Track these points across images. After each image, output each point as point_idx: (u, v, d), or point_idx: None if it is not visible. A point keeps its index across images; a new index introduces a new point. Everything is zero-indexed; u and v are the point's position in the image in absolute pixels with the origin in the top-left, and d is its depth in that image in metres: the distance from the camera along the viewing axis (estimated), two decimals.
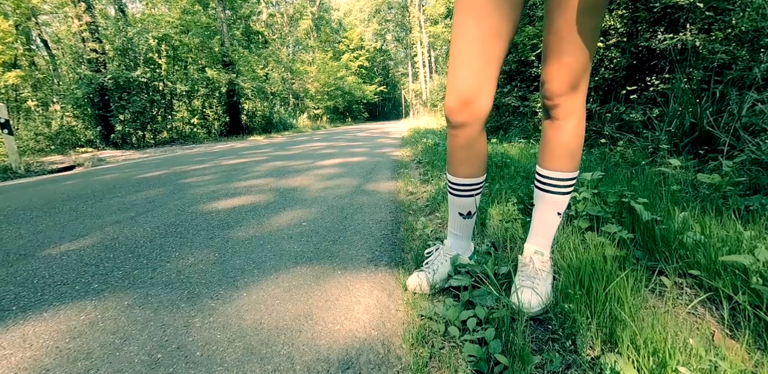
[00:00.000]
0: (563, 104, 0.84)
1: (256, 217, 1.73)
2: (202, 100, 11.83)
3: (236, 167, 3.69)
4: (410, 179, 2.58)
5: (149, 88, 10.02)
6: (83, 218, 1.89)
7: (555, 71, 0.82)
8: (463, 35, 0.80)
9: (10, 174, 4.44)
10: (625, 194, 1.34)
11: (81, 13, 9.38)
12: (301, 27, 23.73)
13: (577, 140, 0.87)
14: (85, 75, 8.89)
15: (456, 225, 1.02)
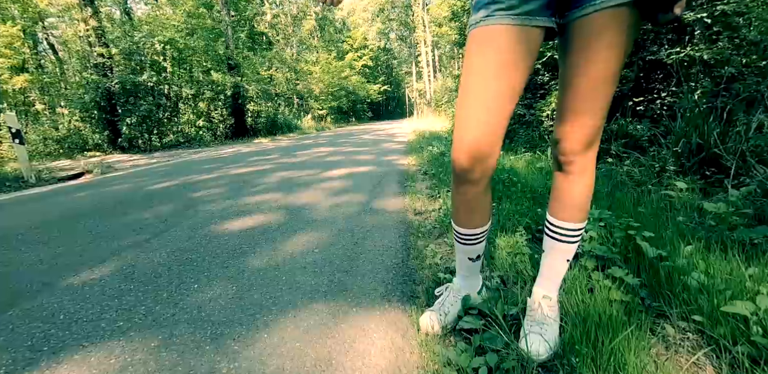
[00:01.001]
0: (578, 161, 0.86)
1: (268, 241, 1.77)
2: (207, 103, 11.89)
3: (244, 177, 3.73)
4: (418, 194, 2.61)
5: (155, 92, 10.10)
6: (99, 241, 1.94)
7: (571, 131, 0.84)
8: (474, 96, 0.81)
9: (23, 184, 4.52)
10: (632, 226, 1.37)
11: (87, 17, 9.45)
12: (305, 27, 23.72)
13: (587, 193, 0.89)
14: (92, 80, 8.97)
15: (464, 267, 1.05)
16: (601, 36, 0.75)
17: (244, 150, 7.69)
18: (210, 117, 12.11)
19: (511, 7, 0.76)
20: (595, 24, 0.75)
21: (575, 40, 0.79)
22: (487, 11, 0.78)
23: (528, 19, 0.77)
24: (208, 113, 12.01)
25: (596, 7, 0.74)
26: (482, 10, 0.79)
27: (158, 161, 6.61)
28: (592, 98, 0.79)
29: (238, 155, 6.45)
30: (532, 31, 0.78)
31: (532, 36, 0.78)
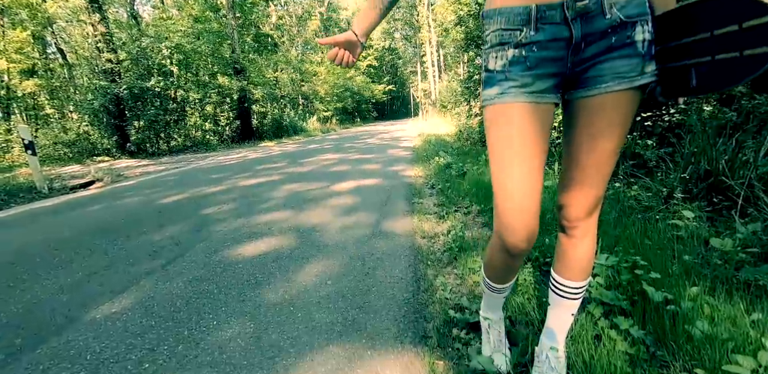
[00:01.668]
0: (581, 226, 0.89)
1: (281, 271, 1.81)
2: (214, 106, 11.98)
3: (253, 190, 3.78)
4: (426, 214, 2.64)
5: (163, 96, 10.18)
6: (116, 265, 2.00)
7: (575, 199, 0.87)
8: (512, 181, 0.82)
9: (35, 194, 4.60)
10: (638, 264, 1.40)
11: (96, 22, 9.54)
12: (310, 28, 23.75)
13: (590, 254, 0.93)
14: (101, 85, 9.07)
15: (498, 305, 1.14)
16: (604, 116, 0.78)
17: (251, 156, 7.75)
18: (216, 121, 12.20)
19: (525, 85, 0.78)
20: (600, 105, 0.78)
21: (579, 117, 0.82)
22: (501, 88, 0.80)
23: (540, 97, 0.79)
24: (215, 116, 12.09)
25: (601, 90, 0.77)
26: (496, 87, 0.81)
27: (166, 169, 6.68)
28: (596, 171, 0.83)
29: (245, 163, 6.51)
30: (545, 107, 0.81)
31: (546, 111, 0.81)
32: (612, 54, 0.74)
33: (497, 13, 0.80)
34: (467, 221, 2.43)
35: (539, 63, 0.77)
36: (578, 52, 0.76)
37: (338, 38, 0.95)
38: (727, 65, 0.73)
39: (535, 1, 0.74)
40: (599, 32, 0.73)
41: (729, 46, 0.72)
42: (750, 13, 0.68)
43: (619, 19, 0.72)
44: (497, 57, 0.81)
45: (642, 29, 0.73)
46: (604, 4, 0.72)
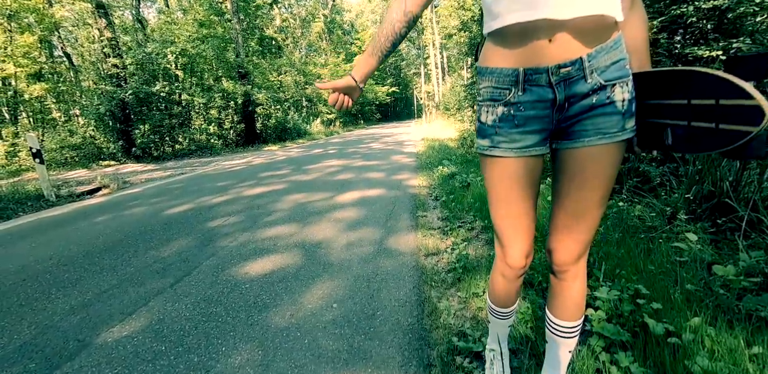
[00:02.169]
0: (571, 270, 0.92)
1: (288, 292, 1.84)
2: (218, 110, 12.04)
3: (258, 201, 3.82)
4: (430, 230, 2.67)
5: (168, 101, 10.26)
6: (125, 285, 2.03)
7: (564, 245, 0.89)
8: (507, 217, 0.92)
9: (43, 203, 4.66)
10: (640, 293, 1.42)
11: (102, 28, 9.63)
12: (314, 30, 23.81)
13: (581, 295, 0.95)
14: (107, 90, 9.15)
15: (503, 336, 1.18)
16: (590, 167, 0.82)
17: (255, 162, 7.79)
18: (221, 124, 12.27)
19: (513, 141, 0.84)
20: (585, 157, 0.82)
21: (567, 167, 0.85)
22: (491, 142, 0.86)
23: (527, 151, 0.85)
24: (220, 120, 12.16)
25: (585, 143, 0.81)
26: (487, 139, 0.87)
27: (171, 175, 6.74)
28: (583, 218, 0.86)
29: (250, 169, 6.55)
30: (534, 159, 0.87)
31: (534, 162, 0.87)
32: (594, 112, 0.79)
33: (489, 72, 0.84)
34: (471, 238, 2.45)
35: (526, 121, 0.82)
36: (562, 111, 0.80)
37: (338, 84, 0.99)
38: (702, 133, 0.76)
39: (523, 65, 0.78)
40: (581, 94, 0.78)
41: (705, 116, 0.75)
42: (727, 93, 0.71)
43: (600, 83, 0.77)
44: (488, 112, 0.86)
45: (622, 90, 0.78)
46: (586, 71, 0.76)
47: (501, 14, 0.77)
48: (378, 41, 0.95)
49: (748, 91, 0.67)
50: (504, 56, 0.81)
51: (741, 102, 0.69)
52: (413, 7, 0.90)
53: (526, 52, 0.77)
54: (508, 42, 0.79)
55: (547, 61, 0.76)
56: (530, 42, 0.76)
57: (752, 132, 0.67)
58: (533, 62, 0.77)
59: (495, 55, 0.82)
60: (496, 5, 0.77)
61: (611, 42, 0.76)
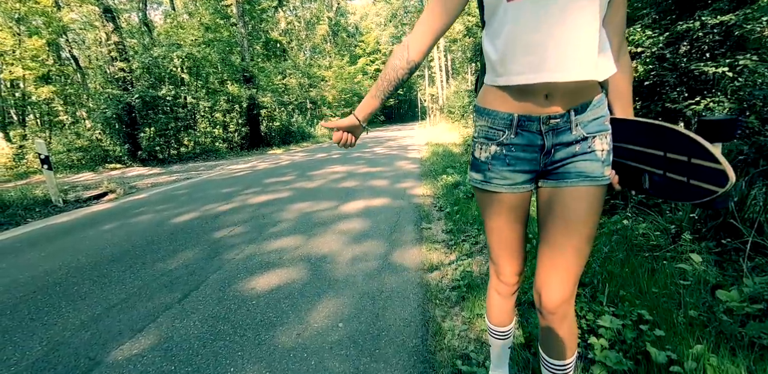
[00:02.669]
0: (560, 311, 0.92)
1: (294, 310, 1.86)
2: (223, 113, 12.12)
3: (263, 210, 3.85)
4: (434, 242, 2.68)
5: (174, 104, 10.33)
6: (134, 299, 2.06)
7: (552, 285, 0.90)
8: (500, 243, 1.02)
9: (51, 209, 4.72)
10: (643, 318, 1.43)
11: (109, 32, 9.72)
12: (319, 32, 23.90)
13: (572, 334, 0.96)
14: (114, 94, 9.23)
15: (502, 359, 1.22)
16: (575, 206, 0.88)
17: (260, 166, 7.84)
18: (226, 127, 12.34)
19: (504, 178, 0.93)
20: (570, 196, 0.88)
21: (552, 206, 0.91)
22: (484, 177, 0.95)
23: (516, 188, 0.93)
24: (225, 123, 12.23)
25: (569, 184, 0.88)
26: (480, 174, 0.96)
27: (176, 180, 6.79)
28: (571, 256, 0.89)
29: (254, 175, 6.59)
30: (522, 194, 0.95)
31: (522, 196, 0.96)
32: (577, 158, 0.88)
33: (486, 113, 0.93)
34: (475, 252, 2.46)
35: (516, 162, 0.91)
36: (549, 155, 0.89)
37: (342, 123, 1.03)
38: (676, 184, 0.84)
39: (518, 112, 0.87)
40: (566, 143, 0.87)
41: (679, 170, 0.83)
42: (698, 153, 0.78)
43: (583, 135, 0.87)
44: (482, 149, 0.95)
45: (601, 142, 0.88)
46: (572, 124, 0.86)
47: (506, 75, 0.84)
48: (381, 85, 0.99)
49: (715, 156, 0.74)
50: (502, 102, 0.89)
51: (709, 164, 0.76)
52: (416, 56, 0.95)
53: (522, 102, 0.86)
54: (508, 93, 0.87)
55: (539, 112, 0.85)
56: (528, 97, 0.85)
57: (718, 192, 0.75)
58: (527, 111, 0.86)
59: (494, 100, 0.91)
60: (502, 66, 0.84)
61: (595, 101, 0.87)
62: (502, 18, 0.82)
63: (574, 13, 0.76)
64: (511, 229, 0.99)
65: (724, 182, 0.75)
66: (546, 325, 0.98)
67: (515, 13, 0.79)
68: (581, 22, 0.77)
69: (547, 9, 0.76)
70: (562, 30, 0.77)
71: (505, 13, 0.81)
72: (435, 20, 0.92)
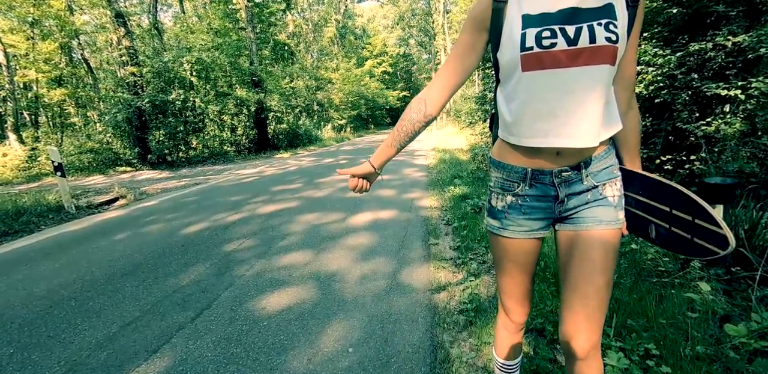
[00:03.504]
0: (589, 356, 0.94)
1: (305, 333, 1.89)
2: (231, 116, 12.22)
3: (272, 222, 3.89)
4: (441, 260, 2.71)
5: (183, 108, 10.44)
6: (148, 317, 2.10)
7: (580, 330, 0.92)
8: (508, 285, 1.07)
9: (63, 215, 4.80)
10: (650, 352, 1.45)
11: (121, 36, 9.85)
12: (326, 35, 24.00)
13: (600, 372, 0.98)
14: (125, 98, 9.35)
15: None
16: (592, 251, 0.91)
17: (267, 172, 7.90)
18: (234, 131, 12.44)
19: (520, 225, 0.98)
20: (586, 240, 0.92)
21: (571, 252, 0.95)
22: (500, 224, 1.00)
23: (532, 234, 0.98)
24: (233, 127, 12.34)
25: (586, 228, 0.92)
26: (497, 221, 1.01)
27: (185, 185, 6.87)
28: (595, 304, 0.91)
29: (262, 181, 6.65)
30: (537, 240, 1.00)
31: (537, 242, 1.01)
32: (590, 205, 0.93)
33: (501, 166, 0.98)
34: (482, 272, 2.48)
35: (531, 211, 0.97)
36: (562, 204, 0.95)
37: (357, 170, 1.08)
38: (681, 239, 0.88)
39: (531, 166, 0.93)
40: (578, 192, 0.93)
41: (683, 227, 0.87)
42: (702, 215, 0.82)
43: (593, 184, 0.93)
44: (498, 199, 1.01)
45: (612, 189, 0.93)
46: (583, 175, 0.92)
47: (518, 136, 0.90)
48: (398, 136, 1.04)
49: (717, 222, 0.79)
50: (515, 157, 0.94)
51: (711, 227, 0.81)
52: (433, 110, 1.00)
53: (535, 159, 0.91)
54: (521, 151, 0.93)
55: (551, 167, 0.91)
56: (540, 154, 0.90)
57: (720, 254, 0.80)
58: (540, 166, 0.92)
59: (508, 155, 0.96)
60: (516, 128, 0.90)
61: (603, 152, 0.93)
62: (517, 85, 0.86)
63: (583, 84, 0.81)
64: (522, 273, 1.04)
65: (725, 246, 0.79)
66: (575, 370, 0.99)
67: (529, 83, 0.84)
68: (590, 93, 0.82)
69: (560, 81, 0.81)
70: (572, 101, 0.82)
71: (519, 81, 0.85)
72: (452, 77, 0.97)
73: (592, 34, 0.78)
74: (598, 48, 0.79)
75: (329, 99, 19.25)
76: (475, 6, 0.90)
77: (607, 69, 0.81)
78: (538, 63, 0.81)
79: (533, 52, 0.81)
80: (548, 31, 0.80)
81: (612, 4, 0.81)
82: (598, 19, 0.79)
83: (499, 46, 0.88)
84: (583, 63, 0.80)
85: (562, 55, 0.80)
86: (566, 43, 0.79)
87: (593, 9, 0.80)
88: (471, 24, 0.92)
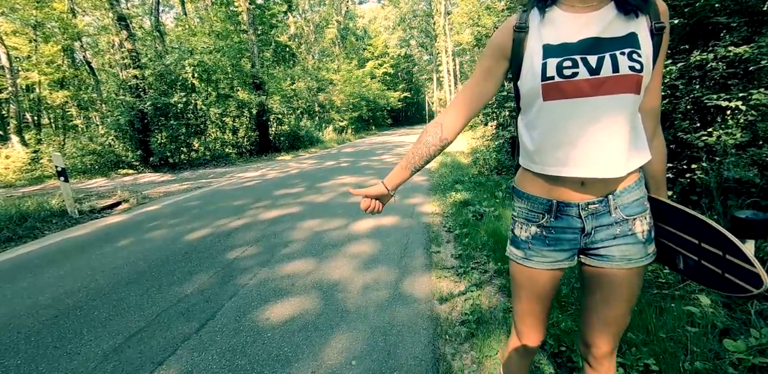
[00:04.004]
0: (606, 361, 0.99)
1: (308, 344, 1.91)
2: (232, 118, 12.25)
3: (274, 228, 3.91)
4: (443, 269, 2.72)
5: (185, 111, 10.47)
6: (153, 327, 2.13)
7: (601, 340, 0.97)
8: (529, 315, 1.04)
9: (67, 220, 4.83)
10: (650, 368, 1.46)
11: (123, 39, 9.88)
12: (327, 36, 24.03)
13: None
14: (127, 101, 9.38)
15: None
16: (619, 286, 0.92)
17: (269, 175, 7.92)
18: (235, 133, 12.47)
19: (544, 256, 0.95)
20: (611, 277, 0.92)
21: (596, 284, 0.95)
22: (524, 254, 0.98)
23: (556, 264, 0.96)
24: (234, 128, 12.37)
25: (611, 265, 0.91)
26: (521, 251, 0.99)
27: (188, 189, 6.90)
28: (615, 323, 0.96)
29: (264, 185, 6.67)
30: (560, 271, 0.98)
31: (560, 272, 0.99)
32: (617, 240, 0.90)
33: (525, 197, 0.96)
34: (483, 283, 2.50)
35: (556, 242, 0.94)
36: (589, 236, 0.91)
37: (371, 191, 1.07)
38: (711, 273, 0.84)
39: (556, 198, 0.90)
40: (606, 225, 0.90)
41: (713, 261, 0.83)
42: (733, 251, 0.77)
43: (623, 217, 0.89)
44: (522, 229, 0.98)
45: (641, 223, 0.90)
46: (611, 207, 0.88)
47: (541, 164, 0.88)
48: (412, 159, 1.03)
49: (749, 258, 0.76)
50: (540, 187, 0.92)
51: (743, 265, 0.76)
52: (449, 135, 0.99)
53: (559, 189, 0.89)
54: (544, 179, 0.91)
55: (577, 199, 0.88)
56: (564, 184, 0.88)
57: (753, 292, 0.77)
58: (565, 197, 0.89)
59: (531, 184, 0.94)
60: (538, 156, 0.88)
61: (633, 183, 0.89)
62: (538, 113, 0.85)
63: (607, 113, 0.79)
64: (540, 301, 1.01)
65: (758, 285, 0.75)
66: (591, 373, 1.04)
67: (551, 112, 0.83)
68: (614, 122, 0.80)
69: (582, 109, 0.80)
70: (596, 130, 0.80)
71: (540, 110, 0.84)
72: (470, 102, 0.96)
73: (615, 63, 0.77)
74: (621, 77, 0.77)
75: (330, 100, 19.28)
76: (496, 35, 0.90)
77: (632, 98, 0.79)
78: (560, 92, 0.80)
79: (554, 81, 0.80)
80: (569, 61, 0.79)
81: (635, 33, 0.79)
82: (621, 48, 0.78)
83: (520, 76, 0.87)
84: (606, 92, 0.78)
85: (585, 85, 0.78)
86: (588, 73, 0.78)
87: (616, 38, 0.79)
88: (491, 51, 0.91)
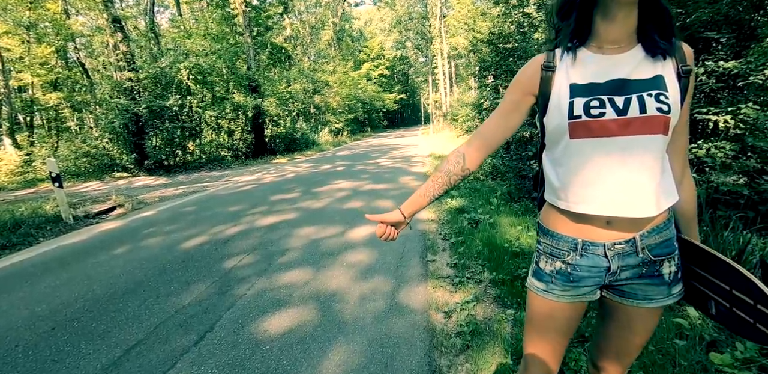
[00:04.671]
0: None
1: (306, 357, 1.94)
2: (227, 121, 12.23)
3: (271, 236, 3.93)
4: (439, 278, 2.76)
5: (180, 114, 10.44)
6: (152, 341, 2.14)
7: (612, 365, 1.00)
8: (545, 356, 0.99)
9: (62, 226, 4.81)
10: None
11: (118, 41, 9.84)
12: (323, 38, 24.04)
13: None
14: (122, 104, 9.34)
15: None
16: (638, 323, 0.94)
17: (265, 179, 7.93)
18: (231, 135, 12.44)
19: (566, 290, 0.93)
20: (632, 314, 0.93)
21: (615, 319, 0.97)
22: (546, 286, 0.95)
23: (577, 298, 0.94)
24: (230, 131, 12.34)
25: (633, 304, 0.92)
26: (542, 283, 0.95)
27: (183, 193, 6.88)
28: (627, 355, 0.99)
29: (260, 190, 6.68)
30: (581, 304, 0.96)
31: (581, 306, 0.97)
32: (643, 280, 0.89)
33: (550, 234, 0.95)
34: (479, 293, 2.54)
35: (580, 279, 0.92)
36: (614, 275, 0.90)
37: (387, 218, 1.05)
38: (743, 322, 0.81)
39: (582, 237, 0.89)
40: (633, 265, 0.88)
41: (745, 310, 0.80)
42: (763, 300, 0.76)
43: (650, 258, 0.87)
44: (547, 263, 0.95)
45: (669, 264, 0.89)
46: (638, 247, 0.86)
47: (566, 201, 0.88)
48: (432, 187, 1.03)
49: None
50: (565, 225, 0.91)
51: None
52: (471, 165, 0.99)
53: (585, 227, 0.88)
54: (570, 216, 0.90)
55: (604, 239, 0.87)
56: (590, 222, 0.87)
57: None
58: (591, 236, 0.88)
59: (556, 222, 0.93)
60: (564, 193, 0.88)
61: (661, 223, 0.88)
62: (564, 151, 0.86)
63: (635, 152, 0.80)
64: (558, 337, 0.97)
65: None
66: None
67: (578, 150, 0.83)
68: (642, 162, 0.80)
69: (610, 148, 0.80)
70: (623, 169, 0.80)
71: (567, 148, 0.85)
72: (494, 134, 0.97)
73: (642, 104, 0.78)
74: (649, 118, 0.78)
75: (326, 102, 19.28)
76: (523, 70, 0.91)
77: (661, 139, 0.80)
78: (587, 131, 0.81)
79: (581, 120, 0.80)
80: (596, 101, 0.79)
81: (662, 75, 0.80)
82: (648, 90, 0.79)
83: (546, 113, 0.87)
84: (634, 132, 0.78)
85: (612, 125, 0.79)
86: (615, 114, 0.78)
87: (643, 80, 0.80)
88: (518, 87, 0.92)
